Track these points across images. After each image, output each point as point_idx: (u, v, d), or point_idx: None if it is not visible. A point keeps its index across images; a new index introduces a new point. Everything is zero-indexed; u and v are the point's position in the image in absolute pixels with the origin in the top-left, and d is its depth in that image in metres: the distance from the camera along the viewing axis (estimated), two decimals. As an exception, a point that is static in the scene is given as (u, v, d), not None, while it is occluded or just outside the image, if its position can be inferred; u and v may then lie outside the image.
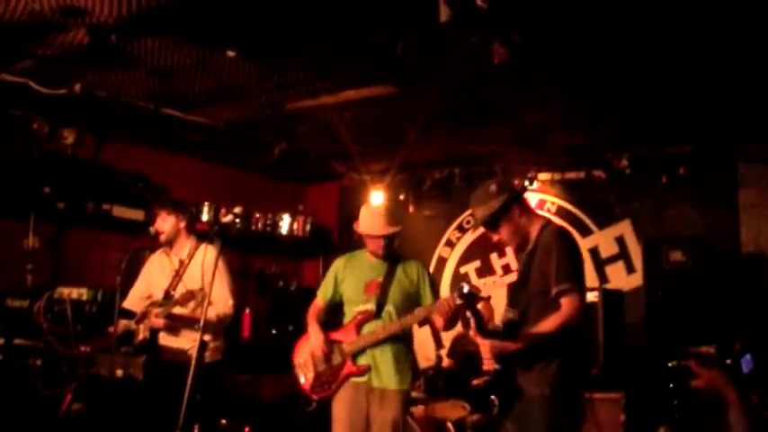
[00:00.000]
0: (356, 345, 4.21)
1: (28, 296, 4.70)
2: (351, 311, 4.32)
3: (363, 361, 4.20)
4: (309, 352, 4.33)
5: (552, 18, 3.96)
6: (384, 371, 4.18)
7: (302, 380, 4.36)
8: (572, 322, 3.21)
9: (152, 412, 4.25)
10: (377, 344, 4.18)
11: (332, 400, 4.27)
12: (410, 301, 4.26)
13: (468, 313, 3.58)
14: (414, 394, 5.62)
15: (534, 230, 3.47)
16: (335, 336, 4.30)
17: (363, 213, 4.35)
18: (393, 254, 4.34)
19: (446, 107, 5.49)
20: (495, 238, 3.57)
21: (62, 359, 4.46)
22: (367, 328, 4.23)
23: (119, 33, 4.19)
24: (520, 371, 3.30)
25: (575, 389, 3.38)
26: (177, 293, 4.62)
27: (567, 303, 3.22)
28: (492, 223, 3.50)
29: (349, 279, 4.36)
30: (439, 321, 4.10)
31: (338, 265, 4.46)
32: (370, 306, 4.24)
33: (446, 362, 6.10)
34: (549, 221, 3.59)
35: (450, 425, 5.38)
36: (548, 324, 3.22)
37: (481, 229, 7.15)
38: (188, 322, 4.63)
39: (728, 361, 2.69)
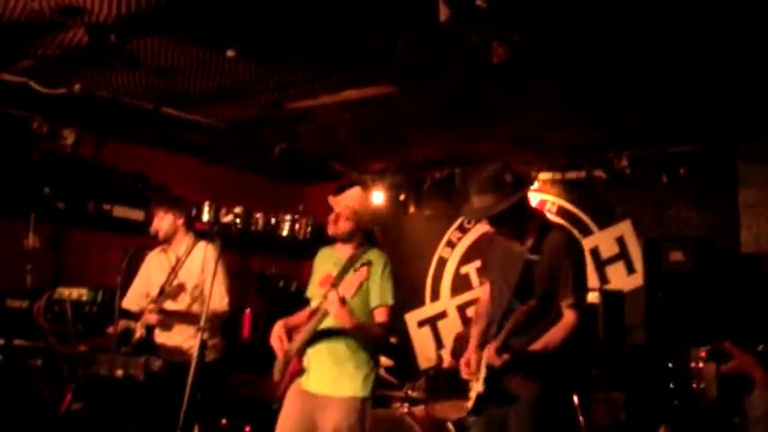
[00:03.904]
0: (297, 342, 3.78)
1: (28, 296, 4.70)
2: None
3: (305, 361, 3.80)
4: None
5: (552, 17, 3.96)
6: (317, 373, 3.74)
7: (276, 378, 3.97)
8: (573, 334, 3.24)
9: (152, 412, 4.25)
10: (310, 342, 3.75)
11: None
12: (360, 297, 3.63)
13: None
14: (414, 394, 5.64)
15: (532, 227, 3.35)
16: (296, 334, 3.86)
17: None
18: (359, 242, 3.90)
19: (446, 107, 5.49)
20: (493, 230, 3.40)
21: (62, 359, 4.47)
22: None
23: (118, 33, 4.19)
24: (510, 375, 3.27)
25: (565, 394, 3.43)
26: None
27: (572, 316, 3.24)
28: (504, 217, 3.28)
29: (315, 273, 4.02)
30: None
31: (316, 258, 4.10)
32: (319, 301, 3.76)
33: (446, 362, 6.10)
34: (547, 220, 3.51)
35: (450, 425, 5.37)
36: (555, 337, 3.22)
37: (482, 229, 7.19)
38: (181, 318, 4.62)
39: (760, 347, 2.79)
